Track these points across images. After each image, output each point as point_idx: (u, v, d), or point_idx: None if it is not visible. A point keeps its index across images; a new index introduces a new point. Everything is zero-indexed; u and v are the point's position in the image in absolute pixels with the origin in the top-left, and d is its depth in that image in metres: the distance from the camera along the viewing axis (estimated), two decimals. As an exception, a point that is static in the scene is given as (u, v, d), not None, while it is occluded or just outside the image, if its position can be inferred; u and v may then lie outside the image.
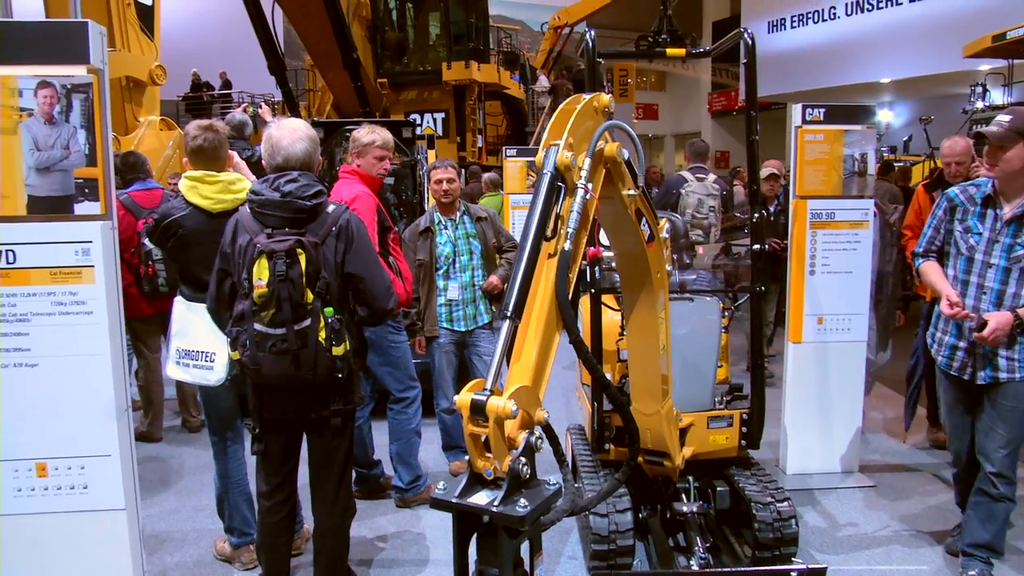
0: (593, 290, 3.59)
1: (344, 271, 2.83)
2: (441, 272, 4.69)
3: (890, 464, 5.12)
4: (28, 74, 2.54)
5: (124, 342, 2.81)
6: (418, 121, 13.47)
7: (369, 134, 4.04)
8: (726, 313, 3.98)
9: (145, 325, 5.49)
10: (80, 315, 2.69)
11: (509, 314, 1.87)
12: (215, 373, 3.34)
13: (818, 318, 4.75)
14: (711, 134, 28.16)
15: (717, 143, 26.73)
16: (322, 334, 2.74)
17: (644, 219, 2.64)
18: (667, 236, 2.97)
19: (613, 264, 3.03)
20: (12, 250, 2.63)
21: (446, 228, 4.73)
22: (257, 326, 2.70)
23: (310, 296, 2.72)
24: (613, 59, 17.72)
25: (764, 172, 6.65)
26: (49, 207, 2.60)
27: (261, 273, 2.68)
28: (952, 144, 4.90)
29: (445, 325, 4.73)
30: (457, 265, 4.71)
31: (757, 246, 3.71)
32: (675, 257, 3.85)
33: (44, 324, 2.71)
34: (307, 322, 2.73)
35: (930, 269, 3.47)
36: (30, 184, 2.58)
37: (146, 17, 8.79)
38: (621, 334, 3.89)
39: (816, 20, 20.27)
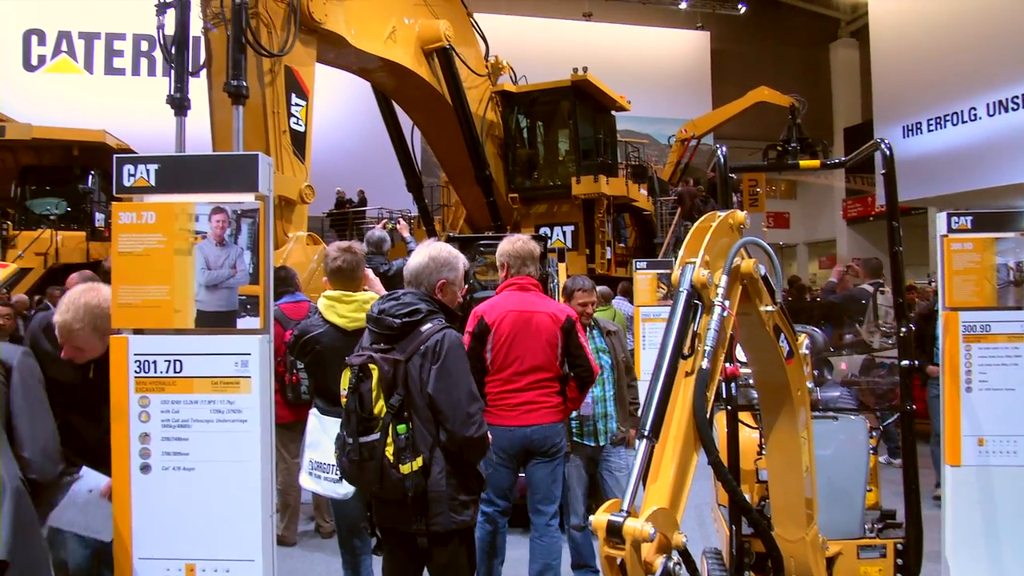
0: (729, 407, 3.49)
1: (425, 390, 2.86)
2: None
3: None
4: (205, 201, 2.82)
5: (273, 450, 2.95)
6: (548, 234, 13.80)
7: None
8: (873, 433, 3.76)
9: (287, 431, 5.73)
10: (236, 423, 2.85)
11: (647, 433, 1.85)
12: (344, 486, 3.44)
13: (978, 439, 4.38)
14: (847, 242, 27.30)
15: (854, 250, 25.82)
16: (389, 449, 2.78)
17: (783, 335, 2.58)
18: (807, 352, 2.88)
19: (750, 380, 2.96)
20: (180, 360, 2.85)
21: None
22: (343, 432, 2.85)
23: (382, 410, 2.79)
24: (745, 172, 17.74)
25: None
26: (214, 321, 2.82)
27: (344, 384, 2.88)
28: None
29: (576, 439, 4.69)
30: None
31: (906, 362, 3.52)
32: (816, 373, 3.71)
33: (203, 431, 2.88)
34: (375, 436, 2.79)
35: None
36: (199, 300, 2.81)
37: (298, 141, 9.56)
38: (760, 453, 3.73)
39: (955, 122, 19.62)
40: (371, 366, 2.84)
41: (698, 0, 28.32)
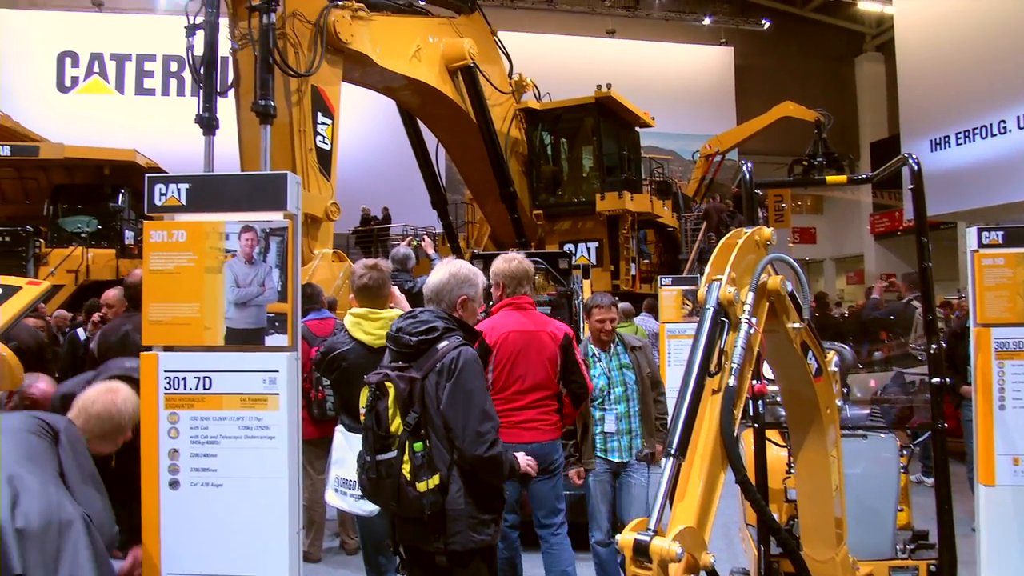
0: (757, 425, 3.46)
1: (440, 408, 2.86)
2: (596, 404, 4.68)
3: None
4: (234, 220, 2.86)
5: (300, 466, 2.97)
6: (573, 251, 13.79)
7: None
8: (904, 452, 3.71)
9: (312, 447, 5.75)
10: (263, 439, 2.88)
11: (673, 451, 1.85)
12: (369, 504, 3.44)
13: (1013, 459, 4.29)
14: (875, 257, 27.00)
15: (882, 266, 25.54)
16: (406, 467, 2.78)
17: (811, 352, 2.56)
18: (836, 369, 2.85)
19: (778, 398, 2.93)
20: (209, 377, 2.89)
21: (600, 360, 4.75)
22: (362, 450, 2.87)
23: (399, 428, 2.79)
24: (771, 188, 17.64)
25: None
26: (243, 339, 2.85)
27: (362, 402, 2.89)
28: None
29: (600, 455, 4.68)
30: (612, 397, 4.69)
31: (937, 379, 3.48)
32: (845, 391, 3.67)
33: (231, 447, 2.91)
34: (391, 454, 2.80)
35: None
36: (229, 317, 2.85)
37: (324, 159, 9.65)
38: (788, 472, 3.69)
39: (984, 135, 19.36)
40: (387, 384, 2.85)
41: (721, 16, 28.29)
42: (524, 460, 3.17)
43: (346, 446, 3.72)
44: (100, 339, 5.09)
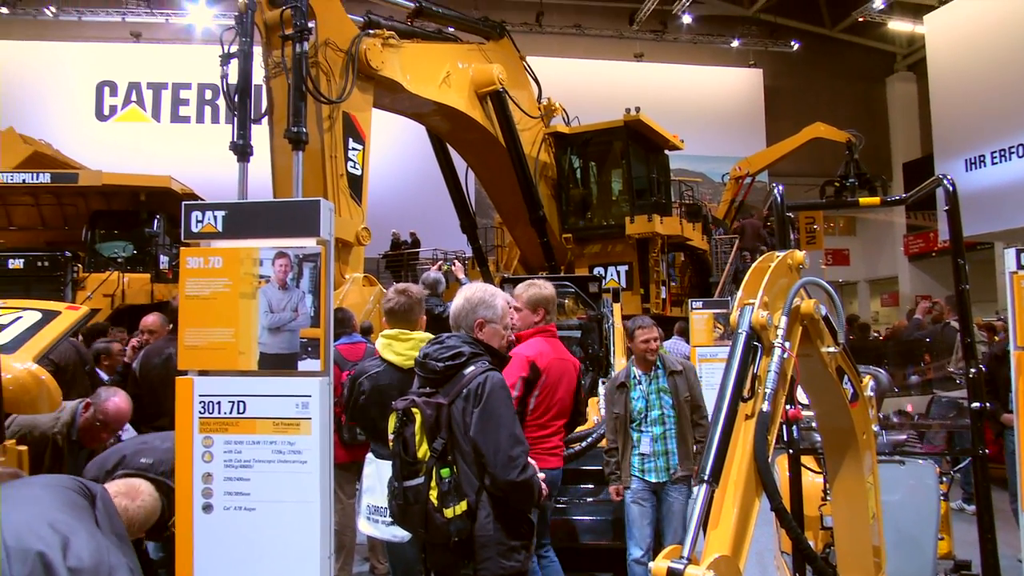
0: (792, 450, 3.41)
1: (469, 434, 2.85)
2: (635, 426, 4.80)
3: None
4: (268, 246, 2.90)
5: (331, 491, 2.98)
6: (602, 274, 13.76)
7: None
8: (944, 478, 3.63)
9: (342, 471, 5.76)
10: (296, 463, 2.89)
11: (706, 478, 1.83)
12: (400, 530, 3.44)
13: (1057, 486, 4.19)
14: (909, 278, 26.61)
15: (917, 287, 25.16)
16: (433, 493, 2.77)
17: (846, 377, 2.53)
18: (872, 394, 2.81)
19: (812, 423, 2.89)
20: (243, 401, 2.91)
21: (640, 383, 4.88)
22: (391, 476, 2.87)
23: (426, 454, 2.78)
24: (803, 211, 17.47)
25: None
26: (276, 363, 2.87)
27: (391, 428, 2.91)
28: None
29: (637, 475, 4.78)
30: (649, 419, 4.79)
31: (977, 404, 3.41)
32: (881, 416, 3.61)
33: (264, 471, 2.93)
34: (419, 480, 2.80)
35: None
36: (263, 343, 2.88)
37: (355, 185, 9.77)
38: (824, 499, 3.63)
39: (1020, 154, 19.08)
40: (414, 410, 2.86)
41: (750, 38, 28.25)
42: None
43: (376, 474, 3.74)
44: (143, 360, 5.18)
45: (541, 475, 3.13)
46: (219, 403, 2.91)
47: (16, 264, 12.26)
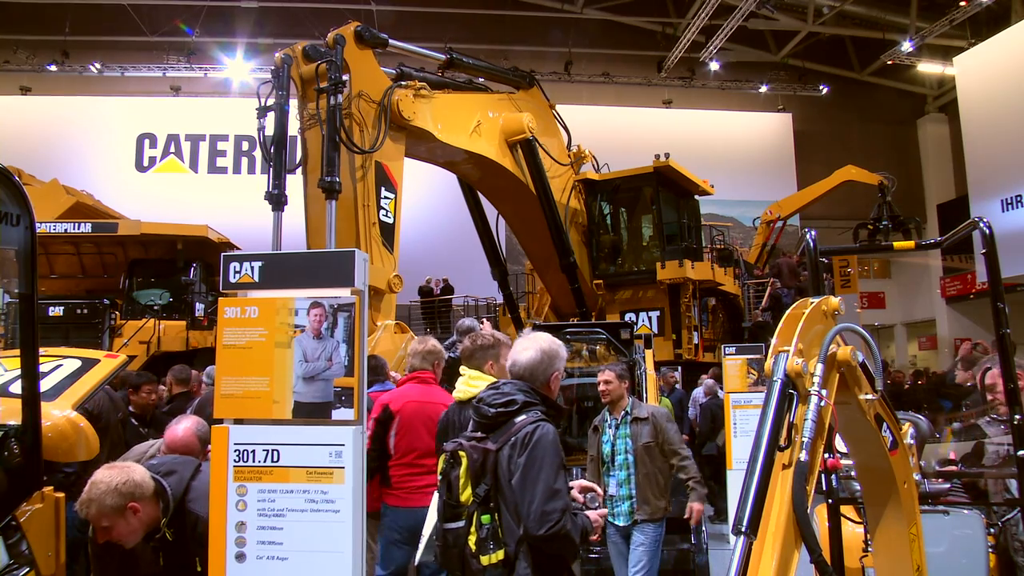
0: (831, 500, 3.34)
1: (511, 482, 2.81)
2: (604, 469, 5.12)
3: None
4: (304, 296, 2.95)
5: (364, 540, 2.97)
6: (634, 320, 13.71)
7: None
8: (991, 529, 3.51)
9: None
10: (328, 512, 2.89)
11: (744, 529, 1.80)
12: None
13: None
14: (947, 321, 26.09)
15: (955, 330, 24.65)
16: (472, 538, 2.74)
17: (885, 424, 2.49)
18: (912, 442, 2.76)
19: (852, 472, 2.83)
20: (277, 449, 2.93)
21: (610, 427, 5.18)
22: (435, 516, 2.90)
23: (469, 499, 2.77)
24: (837, 256, 17.31)
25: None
26: (311, 412, 2.90)
27: (439, 470, 2.94)
28: None
29: (610, 519, 4.99)
30: (616, 463, 5.08)
31: (1022, 452, 3.31)
32: (923, 464, 3.52)
33: (297, 520, 2.93)
34: (459, 523, 2.79)
35: None
36: (297, 392, 2.91)
37: (387, 233, 9.89)
38: (865, 550, 3.53)
39: (1058, 192, 18.82)
40: (460, 453, 2.86)
41: (778, 83, 28.35)
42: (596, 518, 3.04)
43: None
44: (197, 408, 5.37)
45: (597, 517, 3.03)
46: (253, 451, 2.94)
47: (56, 311, 12.52)
